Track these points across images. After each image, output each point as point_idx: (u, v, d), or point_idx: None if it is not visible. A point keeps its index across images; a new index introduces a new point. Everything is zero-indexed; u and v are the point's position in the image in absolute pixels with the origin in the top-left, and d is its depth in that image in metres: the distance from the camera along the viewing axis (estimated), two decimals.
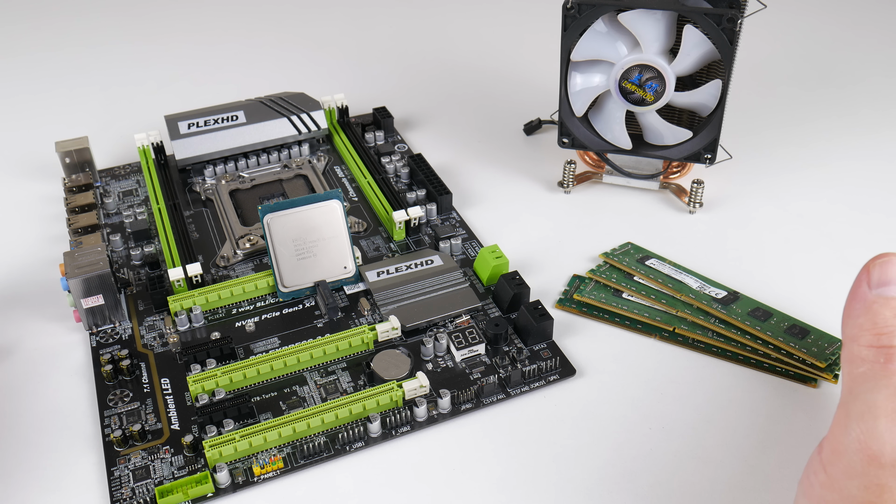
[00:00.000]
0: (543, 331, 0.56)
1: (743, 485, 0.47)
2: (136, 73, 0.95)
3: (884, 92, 0.87)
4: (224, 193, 0.71)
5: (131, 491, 0.47)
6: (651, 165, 0.71)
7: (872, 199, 0.71)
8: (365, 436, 0.50)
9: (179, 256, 0.62)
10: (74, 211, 0.68)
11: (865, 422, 0.36)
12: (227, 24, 1.06)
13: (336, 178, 0.74)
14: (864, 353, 0.39)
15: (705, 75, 0.67)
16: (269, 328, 0.58)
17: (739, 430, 0.51)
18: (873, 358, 0.38)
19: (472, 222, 0.69)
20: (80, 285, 0.56)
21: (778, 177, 0.74)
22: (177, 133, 0.73)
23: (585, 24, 0.64)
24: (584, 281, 0.61)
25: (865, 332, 0.39)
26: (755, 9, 0.69)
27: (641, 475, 0.48)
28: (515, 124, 0.82)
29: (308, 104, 0.76)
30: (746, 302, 0.58)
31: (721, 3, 0.60)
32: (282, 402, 0.53)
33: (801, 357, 0.53)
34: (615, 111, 0.67)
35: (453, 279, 0.60)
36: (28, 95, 0.91)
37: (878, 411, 0.36)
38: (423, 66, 0.94)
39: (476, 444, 0.50)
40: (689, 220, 0.69)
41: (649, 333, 0.57)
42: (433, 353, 0.55)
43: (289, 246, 0.60)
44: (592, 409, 0.52)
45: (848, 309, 0.41)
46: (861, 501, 0.36)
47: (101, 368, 0.54)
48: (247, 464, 0.49)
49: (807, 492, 0.39)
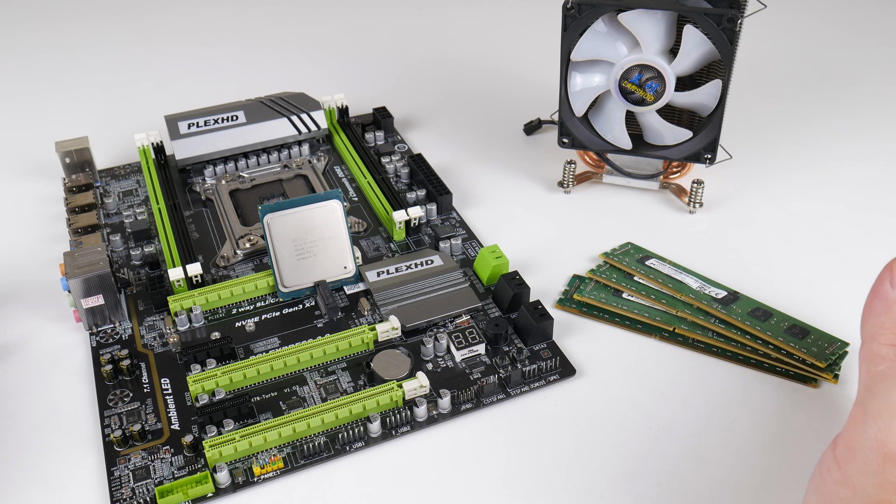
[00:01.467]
0: (543, 331, 0.56)
1: (743, 485, 0.47)
2: (136, 73, 0.95)
3: (884, 92, 0.87)
4: (224, 193, 0.71)
5: (131, 491, 0.47)
6: (651, 165, 0.71)
7: (872, 199, 0.71)
8: (365, 436, 0.50)
9: (179, 256, 0.62)
10: (74, 211, 0.68)
11: (883, 420, 0.36)
12: (227, 24, 1.06)
13: (336, 178, 0.74)
14: (883, 352, 0.38)
15: (705, 75, 0.67)
16: (269, 328, 0.58)
17: (739, 430, 0.51)
18: (893, 356, 0.38)
19: (472, 222, 0.69)
20: (80, 285, 0.56)
21: (778, 177, 0.74)
22: (177, 133, 0.73)
23: (585, 24, 0.64)
24: (584, 281, 0.61)
25: (886, 331, 0.39)
26: (755, 9, 0.69)
27: (641, 475, 0.48)
28: (515, 124, 0.82)
29: (308, 104, 0.76)
30: (746, 302, 0.58)
31: (721, 3, 0.60)
32: (282, 402, 0.53)
33: (801, 357, 0.53)
34: (615, 111, 0.67)
35: (453, 279, 0.60)
36: (28, 95, 0.91)
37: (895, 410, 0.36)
38: (423, 66, 0.94)
39: (476, 444, 0.50)
40: (689, 220, 0.69)
41: (649, 333, 0.57)
42: (433, 353, 0.55)
43: (289, 246, 0.60)
44: (592, 409, 0.52)
45: (868, 307, 0.41)
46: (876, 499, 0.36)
47: (101, 368, 0.54)
48: (247, 464, 0.49)
49: (819, 488, 0.39)
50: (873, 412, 0.37)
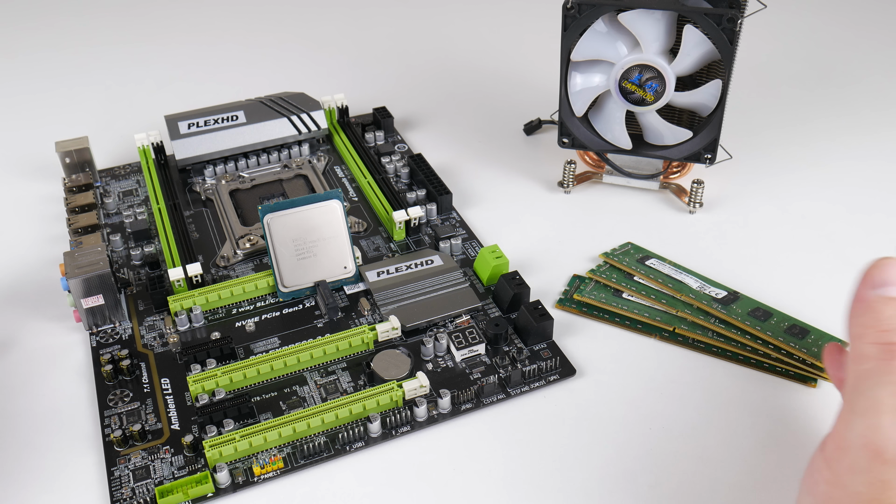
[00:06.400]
0: (543, 331, 0.56)
1: (743, 485, 0.47)
2: (136, 73, 0.95)
3: (884, 92, 0.87)
4: (224, 193, 0.71)
5: (131, 491, 0.47)
6: (651, 165, 0.71)
7: (872, 199, 0.71)
8: (365, 436, 0.50)
9: (179, 256, 0.62)
10: (74, 211, 0.68)
11: (869, 418, 0.36)
12: (227, 24, 1.06)
13: (336, 178, 0.74)
14: (868, 350, 0.39)
15: (705, 75, 0.67)
16: (269, 328, 0.58)
17: (739, 430, 0.51)
18: (877, 355, 0.38)
19: (472, 222, 0.69)
20: (80, 285, 0.56)
21: (778, 177, 0.74)
22: (177, 133, 0.73)
23: (585, 24, 0.64)
24: (584, 281, 0.61)
25: (869, 330, 0.39)
26: (755, 9, 0.69)
27: (641, 475, 0.48)
28: (515, 124, 0.82)
29: (308, 104, 0.76)
30: (746, 302, 0.58)
31: (721, 3, 0.60)
32: (282, 402, 0.53)
33: (801, 357, 0.53)
34: (615, 111, 0.67)
35: (453, 279, 0.60)
36: (28, 95, 0.91)
37: (882, 407, 0.36)
38: (423, 66, 0.94)
39: (476, 444, 0.50)
40: (689, 220, 0.69)
41: (649, 333, 0.57)
42: (433, 353, 0.55)
43: (289, 246, 0.60)
44: (592, 409, 0.52)
45: (852, 310, 0.41)
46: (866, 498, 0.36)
47: (101, 368, 0.54)
48: (247, 464, 0.49)
49: (811, 489, 0.39)
50: (860, 410, 0.37)
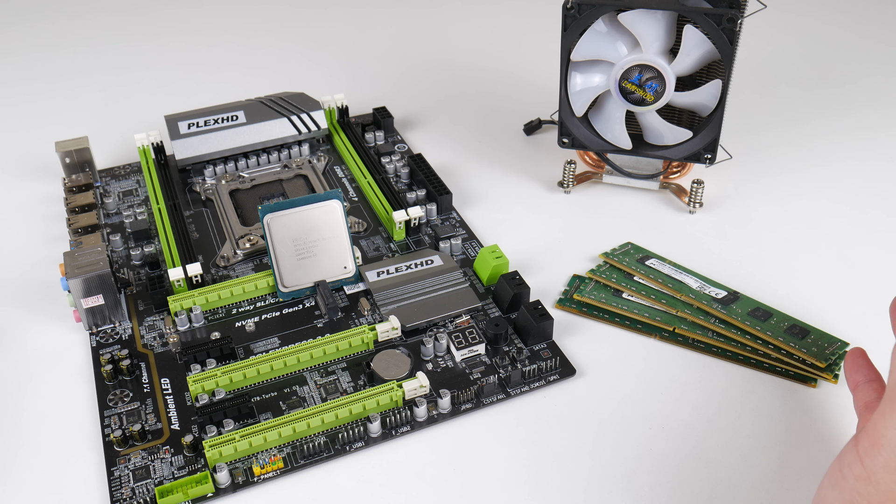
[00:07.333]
0: (543, 331, 0.56)
1: (743, 485, 0.47)
2: (136, 73, 0.95)
3: (884, 92, 0.87)
4: (224, 193, 0.71)
5: (131, 491, 0.47)
6: (651, 165, 0.71)
7: (872, 199, 0.71)
8: (365, 436, 0.50)
9: (179, 256, 0.62)
10: (74, 211, 0.68)
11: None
12: (227, 24, 1.06)
13: (336, 178, 0.74)
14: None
15: (705, 75, 0.67)
16: (269, 328, 0.58)
17: (739, 430, 0.51)
18: None
19: (472, 222, 0.69)
20: (80, 285, 0.56)
21: (778, 177, 0.74)
22: (177, 133, 0.73)
23: (585, 24, 0.64)
24: (584, 281, 0.61)
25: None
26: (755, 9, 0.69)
27: (641, 475, 0.48)
28: (515, 124, 0.82)
29: (308, 104, 0.76)
30: (746, 302, 0.58)
31: (721, 3, 0.60)
32: (282, 402, 0.53)
33: (801, 357, 0.53)
34: (615, 111, 0.67)
35: (453, 279, 0.60)
36: (28, 95, 0.91)
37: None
38: (423, 66, 0.94)
39: (476, 444, 0.50)
40: (689, 220, 0.69)
41: (649, 333, 0.57)
42: (433, 353, 0.55)
43: (289, 246, 0.60)
44: (592, 409, 0.52)
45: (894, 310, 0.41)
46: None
47: (101, 368, 0.54)
48: (247, 464, 0.49)
49: (838, 482, 0.38)
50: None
